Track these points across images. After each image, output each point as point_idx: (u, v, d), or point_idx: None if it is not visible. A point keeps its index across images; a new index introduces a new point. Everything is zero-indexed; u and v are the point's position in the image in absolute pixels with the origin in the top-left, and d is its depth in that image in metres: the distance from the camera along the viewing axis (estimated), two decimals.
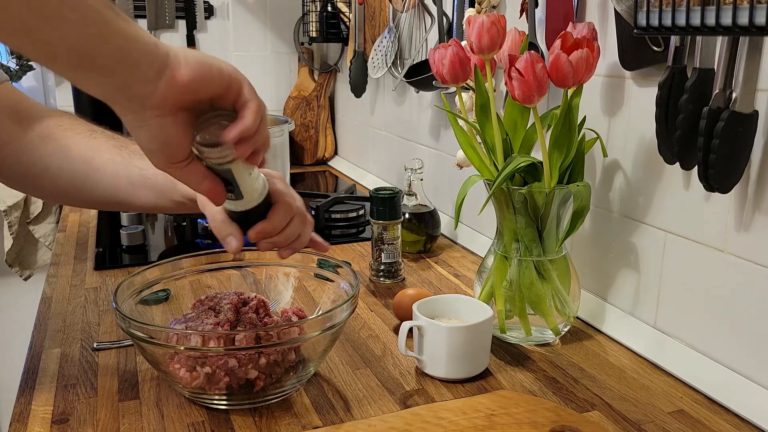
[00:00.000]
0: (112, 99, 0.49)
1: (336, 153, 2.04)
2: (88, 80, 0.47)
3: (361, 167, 1.83)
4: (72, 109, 1.91)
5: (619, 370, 0.78)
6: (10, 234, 1.78)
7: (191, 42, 2.12)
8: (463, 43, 0.85)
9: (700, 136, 0.64)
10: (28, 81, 2.05)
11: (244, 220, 0.65)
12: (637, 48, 0.77)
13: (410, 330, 0.75)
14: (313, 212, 1.33)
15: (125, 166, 0.75)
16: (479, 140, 0.85)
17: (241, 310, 0.74)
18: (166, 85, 0.48)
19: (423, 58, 1.32)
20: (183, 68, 0.49)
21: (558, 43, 0.71)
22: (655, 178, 0.80)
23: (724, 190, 0.66)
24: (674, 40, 0.69)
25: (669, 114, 0.71)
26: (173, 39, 2.11)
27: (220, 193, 0.58)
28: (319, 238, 0.74)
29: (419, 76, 1.28)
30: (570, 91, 0.76)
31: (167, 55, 0.48)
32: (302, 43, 2.01)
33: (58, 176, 0.77)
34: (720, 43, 0.64)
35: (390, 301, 0.97)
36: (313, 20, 1.80)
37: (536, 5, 0.91)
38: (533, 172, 0.81)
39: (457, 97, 0.94)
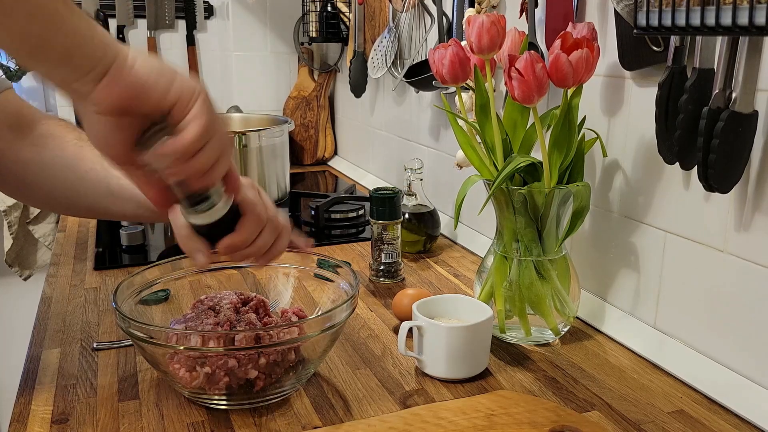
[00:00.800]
0: (58, 88, 0.50)
1: (336, 153, 2.04)
2: (34, 69, 0.48)
3: (360, 167, 1.83)
4: (72, 109, 1.91)
5: (618, 370, 0.78)
6: (10, 234, 1.78)
7: (191, 42, 2.12)
8: (463, 43, 0.85)
9: (699, 136, 0.64)
10: (27, 81, 2.05)
11: (209, 233, 0.63)
12: (637, 48, 0.77)
13: (410, 330, 0.75)
14: (312, 212, 1.33)
15: (105, 176, 0.75)
16: (479, 140, 0.85)
17: (241, 310, 0.74)
18: (103, 89, 0.48)
19: (423, 58, 1.32)
20: (124, 76, 0.49)
21: (558, 43, 0.71)
22: (655, 178, 0.80)
23: (724, 190, 0.66)
24: (674, 40, 0.69)
25: (669, 114, 0.71)
26: (173, 39, 2.11)
27: (163, 204, 0.59)
28: (299, 240, 0.72)
29: (419, 76, 1.28)
30: (570, 91, 0.76)
31: (114, 59, 0.48)
32: (302, 43, 2.01)
33: (51, 186, 0.77)
34: (720, 43, 0.64)
35: (390, 301, 0.97)
36: (313, 20, 1.80)
37: (536, 5, 0.91)
38: (533, 172, 0.81)
39: (456, 97, 0.94)
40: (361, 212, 1.38)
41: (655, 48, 0.75)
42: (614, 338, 0.85)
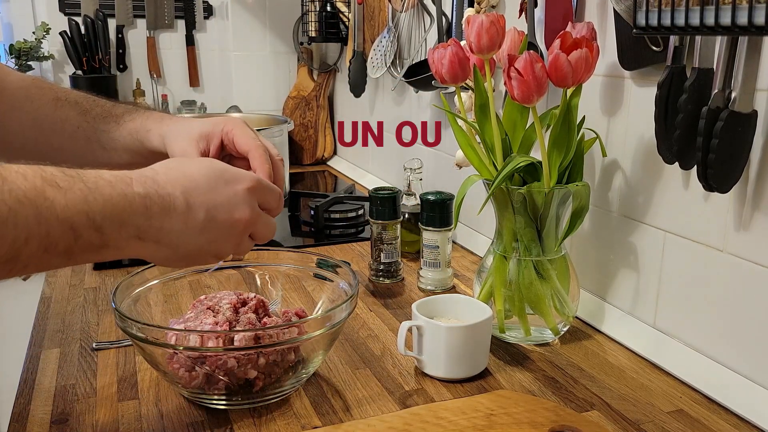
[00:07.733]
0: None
1: (335, 153, 2.04)
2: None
3: (360, 167, 1.83)
4: None
5: (618, 369, 0.78)
6: None
7: (190, 42, 2.12)
8: (463, 42, 0.85)
9: (699, 136, 0.64)
10: None
11: None
12: (637, 48, 0.77)
13: (409, 329, 0.75)
14: (312, 212, 1.33)
15: (93, 131, 0.76)
16: (478, 140, 0.85)
17: (240, 310, 0.74)
18: None
19: (422, 58, 1.32)
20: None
21: (557, 42, 0.71)
22: (655, 178, 0.80)
23: (724, 189, 0.66)
24: (673, 39, 0.69)
25: (668, 114, 0.71)
26: (172, 39, 2.11)
27: None
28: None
29: (418, 75, 1.28)
30: (569, 91, 0.76)
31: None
32: (301, 43, 2.01)
33: (35, 150, 0.76)
34: (719, 42, 0.64)
35: (390, 300, 0.97)
36: (313, 20, 1.80)
37: (535, 5, 0.91)
38: (532, 171, 0.81)
39: (456, 96, 0.94)
40: (360, 212, 1.38)
41: (654, 48, 0.75)
42: (614, 338, 0.85)
